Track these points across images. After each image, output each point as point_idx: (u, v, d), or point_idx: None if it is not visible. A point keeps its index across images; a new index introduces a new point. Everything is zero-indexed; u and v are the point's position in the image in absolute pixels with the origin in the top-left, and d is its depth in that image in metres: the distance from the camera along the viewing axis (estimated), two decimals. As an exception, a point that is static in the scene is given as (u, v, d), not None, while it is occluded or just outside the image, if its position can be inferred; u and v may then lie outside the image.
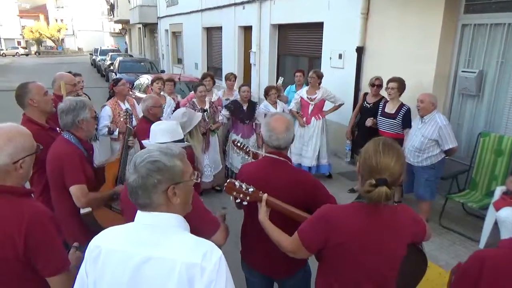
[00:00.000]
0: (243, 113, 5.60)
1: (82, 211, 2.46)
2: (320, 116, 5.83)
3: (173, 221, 1.34)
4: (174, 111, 4.67)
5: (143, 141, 2.55)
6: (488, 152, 4.46)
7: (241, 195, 1.92)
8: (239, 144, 2.57)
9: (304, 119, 5.79)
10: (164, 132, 2.42)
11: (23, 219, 1.49)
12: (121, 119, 3.04)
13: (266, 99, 5.74)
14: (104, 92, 14.86)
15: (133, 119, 4.07)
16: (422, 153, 4.20)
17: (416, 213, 1.77)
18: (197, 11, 14.31)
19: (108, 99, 5.04)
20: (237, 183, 1.92)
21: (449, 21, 4.97)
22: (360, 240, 1.58)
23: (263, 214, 1.91)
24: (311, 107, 5.75)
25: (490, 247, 3.85)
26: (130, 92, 7.09)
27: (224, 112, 5.62)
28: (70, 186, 2.39)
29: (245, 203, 1.94)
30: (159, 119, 3.84)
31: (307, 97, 5.76)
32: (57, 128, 3.05)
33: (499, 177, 4.32)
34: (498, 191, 3.90)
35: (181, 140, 2.47)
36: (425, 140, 4.14)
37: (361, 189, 1.59)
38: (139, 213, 1.35)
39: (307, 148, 5.83)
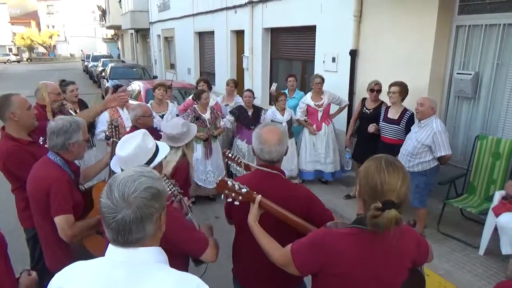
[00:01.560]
0: (248, 119, 5.53)
1: None
2: (329, 121, 5.77)
3: (152, 255, 1.19)
4: None
5: (113, 169, 2.13)
6: (486, 155, 4.38)
7: (233, 194, 1.81)
8: (230, 155, 2.45)
9: (314, 126, 5.69)
10: (133, 160, 1.93)
11: None
12: (106, 133, 2.86)
13: (275, 105, 5.64)
14: (97, 98, 14.73)
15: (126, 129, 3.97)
16: (413, 158, 4.10)
17: (420, 235, 1.66)
18: (189, 15, 14.20)
19: None
20: (229, 181, 1.82)
21: (443, 23, 4.90)
22: (360, 271, 1.45)
23: (253, 216, 1.80)
24: (320, 114, 5.66)
25: (489, 253, 3.77)
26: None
27: (229, 117, 5.56)
28: (55, 216, 2.19)
29: (236, 203, 1.83)
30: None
31: (315, 104, 5.65)
32: (40, 140, 2.92)
33: (497, 181, 4.24)
34: (497, 195, 3.83)
35: (151, 160, 2.02)
36: (418, 144, 4.04)
37: (365, 215, 1.43)
38: (111, 249, 1.17)
39: (327, 155, 5.74)
